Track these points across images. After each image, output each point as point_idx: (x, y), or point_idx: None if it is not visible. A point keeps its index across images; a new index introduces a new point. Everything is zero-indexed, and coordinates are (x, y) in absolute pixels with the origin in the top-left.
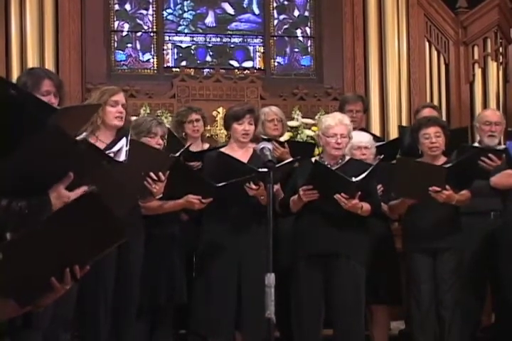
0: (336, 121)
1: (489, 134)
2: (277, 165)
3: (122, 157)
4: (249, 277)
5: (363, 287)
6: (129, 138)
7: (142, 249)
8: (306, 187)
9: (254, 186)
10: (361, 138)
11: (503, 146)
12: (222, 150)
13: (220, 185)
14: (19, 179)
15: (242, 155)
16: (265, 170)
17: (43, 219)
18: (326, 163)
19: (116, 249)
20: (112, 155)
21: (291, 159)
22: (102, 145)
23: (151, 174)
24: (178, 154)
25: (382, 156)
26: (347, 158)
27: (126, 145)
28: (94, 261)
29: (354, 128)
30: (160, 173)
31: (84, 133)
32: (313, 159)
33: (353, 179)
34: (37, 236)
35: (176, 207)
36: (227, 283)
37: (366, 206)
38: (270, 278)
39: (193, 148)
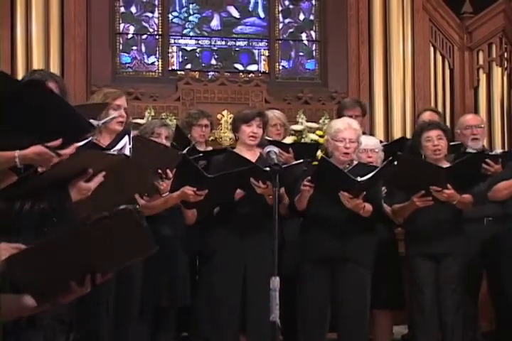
0: (345, 126)
1: (472, 137)
2: (284, 166)
3: (126, 154)
4: (254, 280)
5: (369, 291)
6: (131, 135)
7: None
8: (308, 179)
9: (262, 184)
10: (367, 141)
11: (499, 151)
12: None
13: (213, 176)
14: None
15: (249, 158)
16: (274, 167)
17: (66, 217)
18: None
19: None
20: (115, 153)
21: (298, 161)
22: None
23: (159, 171)
24: (185, 151)
25: (390, 158)
26: (355, 162)
27: (130, 143)
28: (117, 269)
29: None
30: (168, 170)
31: (91, 138)
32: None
33: (359, 179)
34: (68, 241)
35: (175, 201)
36: (232, 286)
37: (368, 206)
38: (275, 282)
39: None
